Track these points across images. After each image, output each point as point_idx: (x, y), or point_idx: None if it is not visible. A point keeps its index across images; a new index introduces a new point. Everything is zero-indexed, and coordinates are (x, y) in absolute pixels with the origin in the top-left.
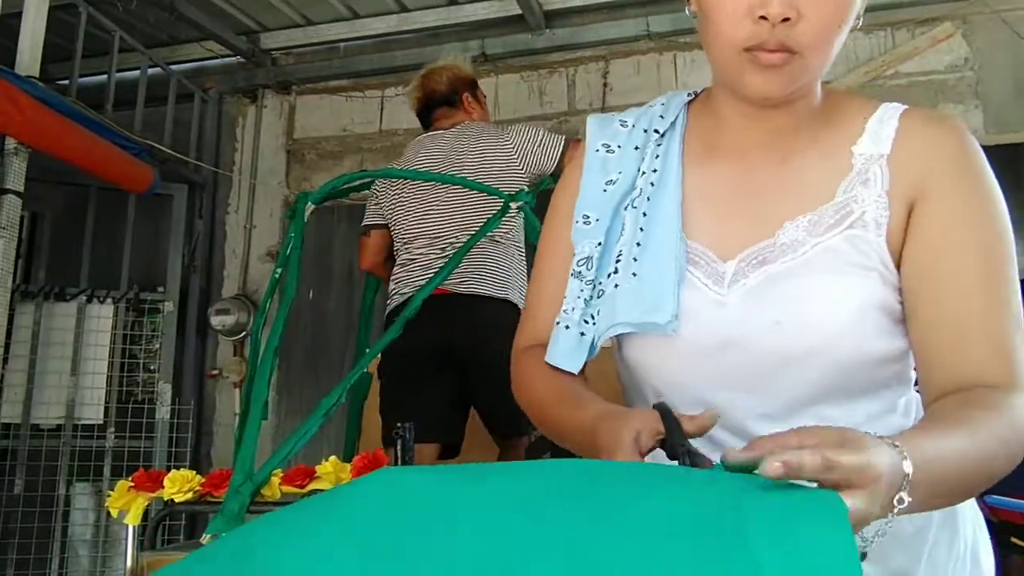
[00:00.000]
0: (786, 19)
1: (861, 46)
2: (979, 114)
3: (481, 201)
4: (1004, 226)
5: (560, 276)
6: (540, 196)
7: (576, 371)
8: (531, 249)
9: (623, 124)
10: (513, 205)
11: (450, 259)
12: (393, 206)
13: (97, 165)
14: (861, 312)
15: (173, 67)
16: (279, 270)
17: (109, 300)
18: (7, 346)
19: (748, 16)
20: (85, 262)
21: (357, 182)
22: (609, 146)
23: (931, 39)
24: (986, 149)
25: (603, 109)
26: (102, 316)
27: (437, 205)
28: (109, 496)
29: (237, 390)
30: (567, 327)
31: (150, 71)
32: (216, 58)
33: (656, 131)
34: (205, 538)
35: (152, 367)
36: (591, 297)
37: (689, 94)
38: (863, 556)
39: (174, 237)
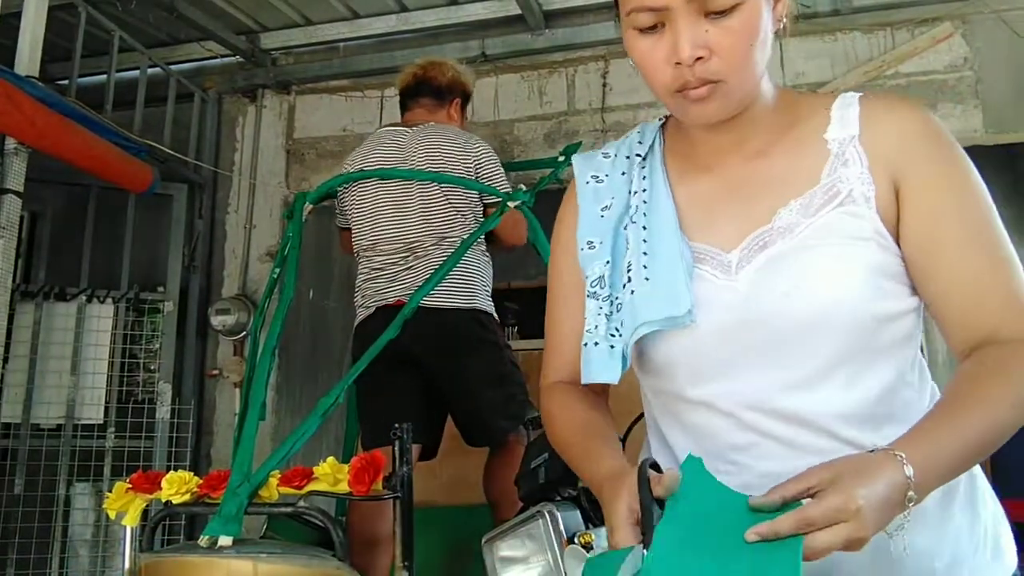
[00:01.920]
0: (699, 58)
1: (861, 46)
2: (979, 114)
3: (444, 202)
4: (984, 190)
5: (575, 309)
6: (539, 196)
7: (615, 382)
8: (529, 248)
9: (605, 156)
10: (511, 204)
11: (443, 264)
12: (349, 209)
13: (97, 165)
14: (863, 275)
15: (173, 67)
16: (277, 270)
17: (109, 300)
18: (7, 346)
19: (667, 64)
20: (85, 262)
21: (354, 181)
22: (597, 176)
23: (931, 39)
24: (986, 149)
25: (603, 109)
26: (102, 316)
27: (395, 209)
28: (108, 497)
29: (237, 390)
30: (596, 343)
31: (150, 71)
32: (216, 58)
33: (638, 155)
34: (203, 540)
35: (152, 367)
36: (611, 312)
37: (660, 119)
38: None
39: (174, 237)
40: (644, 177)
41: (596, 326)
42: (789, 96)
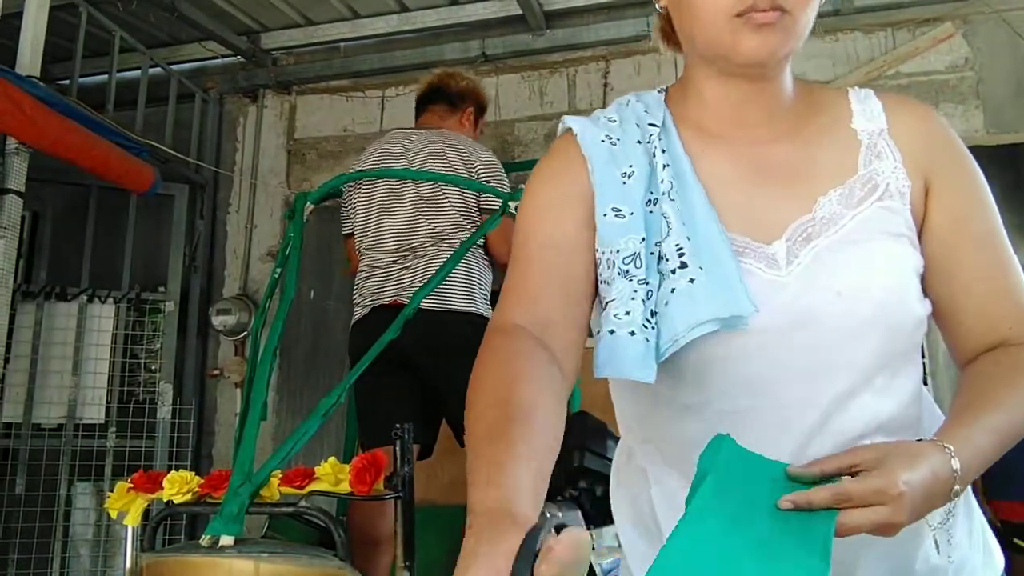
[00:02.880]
0: None
1: (862, 46)
2: (979, 114)
3: (444, 204)
4: (993, 199)
5: (560, 269)
6: None
7: (652, 380)
8: None
9: (611, 120)
10: (511, 205)
11: (443, 265)
12: (352, 210)
13: (98, 165)
14: (908, 275)
15: (174, 67)
16: (278, 270)
17: (110, 300)
18: (8, 346)
19: None
20: (86, 262)
21: (355, 182)
22: (610, 137)
23: (931, 39)
24: (986, 149)
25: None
26: (103, 316)
27: (395, 209)
28: (109, 497)
29: (238, 390)
30: (632, 332)
31: (151, 71)
32: (216, 58)
33: (652, 125)
34: (205, 539)
35: (153, 367)
36: (646, 298)
37: (659, 89)
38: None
39: (175, 237)
40: (664, 150)
41: (628, 312)
42: (805, 85)
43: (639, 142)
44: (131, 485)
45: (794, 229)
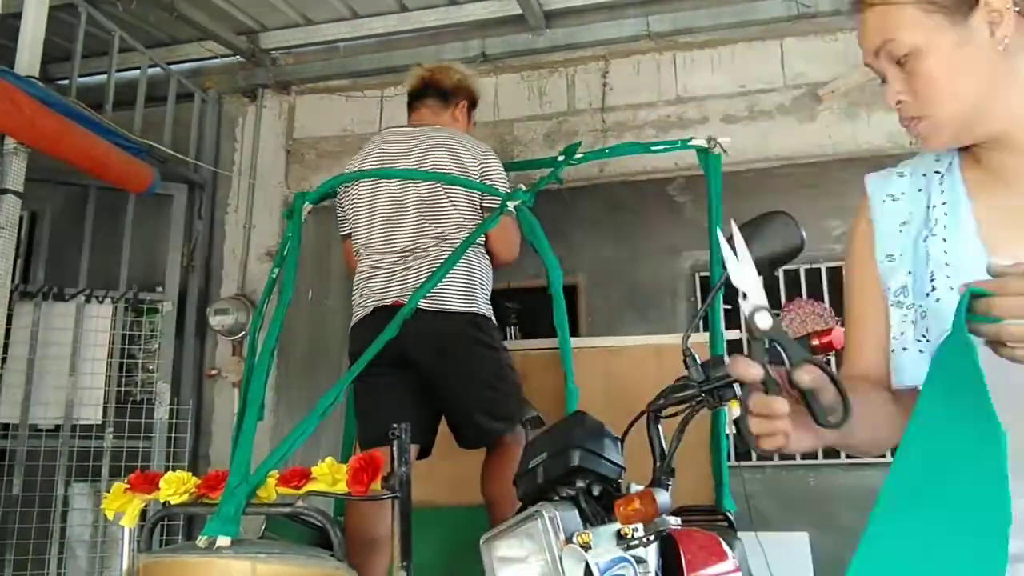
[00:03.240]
0: (899, 101)
1: None
2: None
3: (446, 203)
4: None
5: (870, 319)
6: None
7: (918, 384)
8: (529, 249)
9: (900, 175)
10: (510, 204)
11: (442, 264)
12: (351, 210)
13: (96, 165)
14: None
15: (173, 67)
16: (276, 270)
17: (108, 300)
18: (6, 346)
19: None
20: (84, 262)
21: (354, 181)
22: (893, 195)
23: None
24: None
25: (603, 109)
26: (101, 316)
27: (396, 209)
28: (106, 497)
29: (236, 390)
30: (904, 348)
31: (150, 71)
32: (216, 58)
33: (936, 172)
34: (202, 540)
35: (151, 367)
36: (916, 320)
37: None
38: None
39: (173, 237)
40: (943, 191)
41: (903, 332)
42: None
43: (920, 190)
44: (128, 486)
45: None
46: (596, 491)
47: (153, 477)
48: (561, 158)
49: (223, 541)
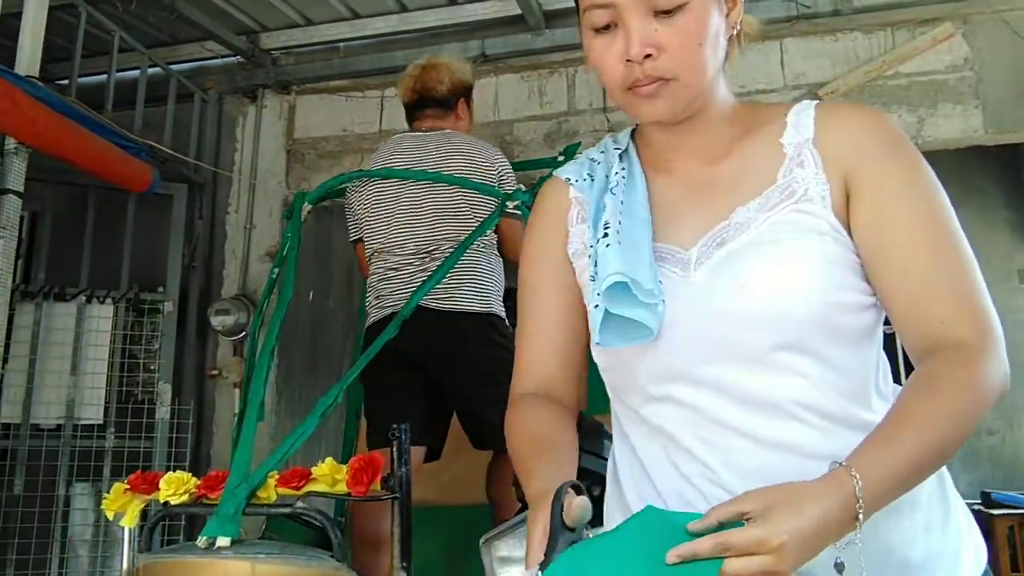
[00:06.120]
0: (648, 56)
1: (861, 46)
2: (979, 114)
3: (465, 207)
4: (940, 192)
5: (547, 321)
6: None
7: (599, 342)
8: None
9: (592, 160)
10: (510, 204)
11: (441, 264)
12: (363, 213)
13: (97, 165)
14: (818, 264)
15: (173, 67)
16: (276, 270)
17: (109, 300)
18: (7, 346)
19: (619, 62)
20: (85, 262)
21: (355, 182)
22: (590, 177)
23: (931, 39)
24: (986, 149)
25: (603, 109)
26: (102, 316)
27: (413, 211)
28: (106, 498)
29: (237, 390)
30: (595, 306)
31: (150, 71)
32: (216, 58)
33: (616, 148)
34: (202, 540)
35: (152, 367)
36: (594, 274)
37: (634, 126)
38: (839, 567)
39: (174, 237)
40: (624, 168)
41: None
42: (747, 107)
43: (601, 164)
44: (128, 486)
45: (710, 236)
46: (596, 492)
47: (153, 477)
48: (561, 158)
49: (223, 541)
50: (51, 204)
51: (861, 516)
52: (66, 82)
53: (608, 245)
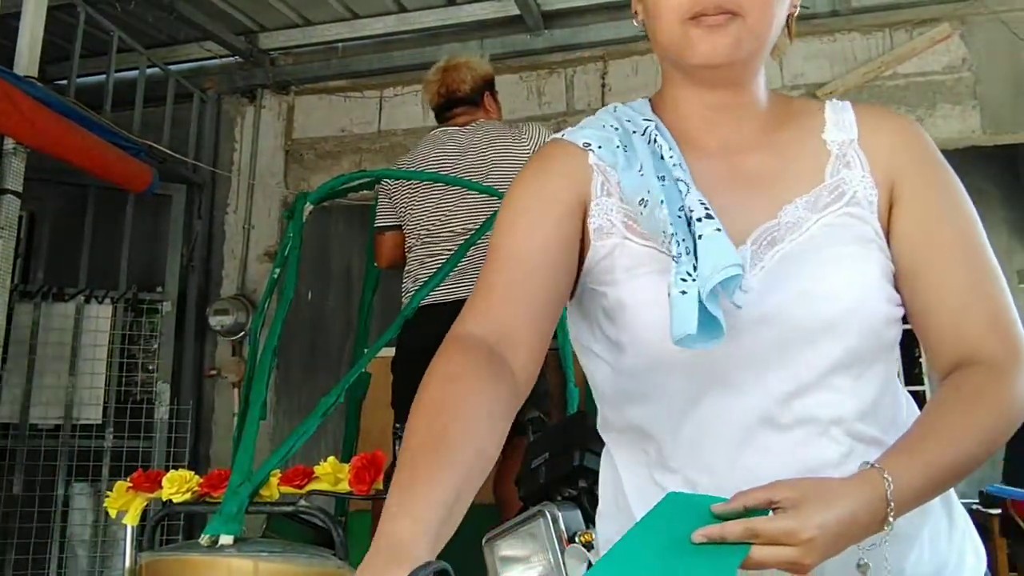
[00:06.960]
0: None
1: (859, 47)
2: (976, 115)
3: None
4: (972, 208)
5: (529, 280)
6: None
7: (693, 331)
8: None
9: (614, 128)
10: None
11: (444, 263)
12: (409, 203)
13: (96, 165)
14: (876, 277)
15: (172, 67)
16: (277, 270)
17: (108, 300)
18: (5, 346)
19: None
20: (84, 262)
21: (355, 182)
22: (624, 145)
23: (929, 40)
24: (984, 150)
25: None
26: (100, 316)
27: (458, 200)
28: (108, 496)
29: (236, 390)
30: (683, 292)
31: (149, 71)
32: (215, 58)
33: (646, 120)
34: (204, 538)
35: (151, 367)
36: (680, 255)
37: (642, 99)
38: (863, 567)
39: (172, 237)
40: (663, 137)
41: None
42: (780, 96)
43: (635, 133)
44: (130, 484)
45: (759, 233)
46: (599, 491)
47: (155, 476)
48: None
49: (226, 540)
50: (50, 204)
51: (891, 518)
52: (65, 82)
53: (719, 229)
